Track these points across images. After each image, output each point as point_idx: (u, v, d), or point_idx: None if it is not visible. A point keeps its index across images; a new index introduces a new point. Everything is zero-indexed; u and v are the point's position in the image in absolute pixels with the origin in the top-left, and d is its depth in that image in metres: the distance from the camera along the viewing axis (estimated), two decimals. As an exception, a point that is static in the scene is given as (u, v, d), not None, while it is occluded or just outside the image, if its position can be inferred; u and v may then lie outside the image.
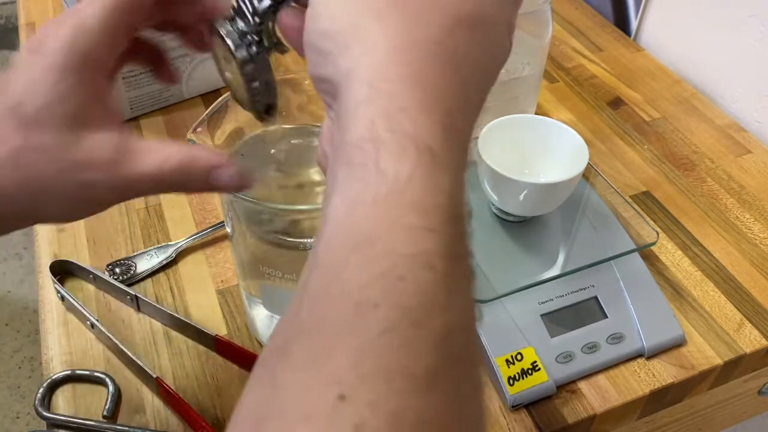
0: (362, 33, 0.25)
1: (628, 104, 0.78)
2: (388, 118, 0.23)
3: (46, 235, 0.62)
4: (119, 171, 0.32)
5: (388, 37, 0.25)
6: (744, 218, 0.65)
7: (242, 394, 0.22)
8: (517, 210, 0.58)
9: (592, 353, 0.52)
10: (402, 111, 0.23)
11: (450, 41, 0.25)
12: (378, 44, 0.25)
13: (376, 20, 0.25)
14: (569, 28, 0.90)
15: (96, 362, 0.53)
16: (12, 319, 1.62)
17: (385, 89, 0.24)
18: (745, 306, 0.58)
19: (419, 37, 0.25)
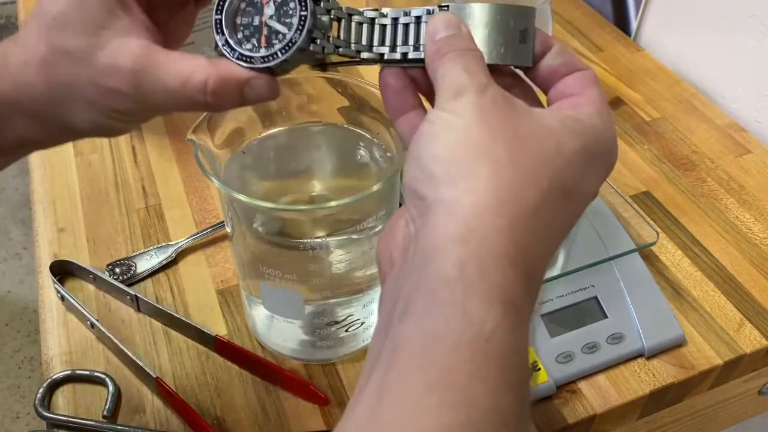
0: (474, 172, 0.26)
1: (628, 104, 0.78)
2: (479, 264, 0.24)
3: (46, 235, 0.62)
4: (140, 81, 0.31)
5: (496, 186, 0.26)
6: (744, 218, 0.65)
7: None
8: (517, 210, 0.58)
9: (592, 353, 0.52)
10: (494, 261, 0.24)
11: (548, 206, 0.27)
12: (486, 190, 0.26)
13: (490, 165, 0.26)
14: (569, 27, 0.90)
15: (96, 362, 0.53)
16: (12, 319, 1.62)
17: (481, 234, 0.25)
18: (745, 306, 0.57)
19: (524, 196, 0.26)
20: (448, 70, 0.29)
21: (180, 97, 0.31)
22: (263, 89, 0.32)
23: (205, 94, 0.31)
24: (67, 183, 0.67)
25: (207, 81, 0.31)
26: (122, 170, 0.69)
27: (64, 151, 0.70)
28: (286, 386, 0.51)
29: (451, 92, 0.29)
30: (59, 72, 0.31)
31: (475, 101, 0.28)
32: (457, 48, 0.30)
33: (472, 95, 0.28)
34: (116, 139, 0.72)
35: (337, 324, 0.50)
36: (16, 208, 1.86)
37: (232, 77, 0.32)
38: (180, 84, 0.31)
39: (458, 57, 0.30)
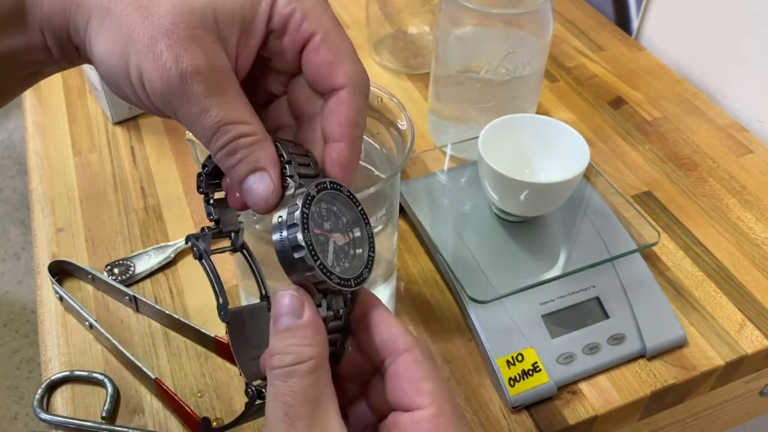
0: None
1: (629, 104, 0.78)
2: None
3: (45, 235, 0.62)
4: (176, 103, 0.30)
5: None
6: (746, 218, 0.65)
7: None
8: (518, 210, 0.58)
9: (593, 354, 0.52)
10: None
11: None
12: None
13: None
14: (570, 27, 0.90)
15: (95, 363, 0.53)
16: (10, 319, 1.62)
17: None
18: (747, 306, 0.57)
19: None
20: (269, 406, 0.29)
21: (197, 131, 0.31)
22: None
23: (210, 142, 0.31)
24: (65, 183, 0.67)
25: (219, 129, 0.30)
26: (121, 170, 0.68)
27: (63, 151, 0.70)
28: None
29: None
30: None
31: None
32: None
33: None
34: (115, 140, 0.72)
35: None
36: (14, 208, 1.85)
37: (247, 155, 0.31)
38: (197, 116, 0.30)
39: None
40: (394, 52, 0.82)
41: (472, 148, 0.60)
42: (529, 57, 0.63)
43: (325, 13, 0.32)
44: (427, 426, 0.29)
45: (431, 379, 0.30)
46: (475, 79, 0.64)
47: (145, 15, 0.29)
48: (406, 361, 0.30)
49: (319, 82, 0.32)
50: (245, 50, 0.31)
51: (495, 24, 0.64)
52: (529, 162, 0.61)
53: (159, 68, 0.29)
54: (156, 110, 0.31)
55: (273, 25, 0.32)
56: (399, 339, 0.31)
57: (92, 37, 0.30)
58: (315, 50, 0.32)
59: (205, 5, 0.30)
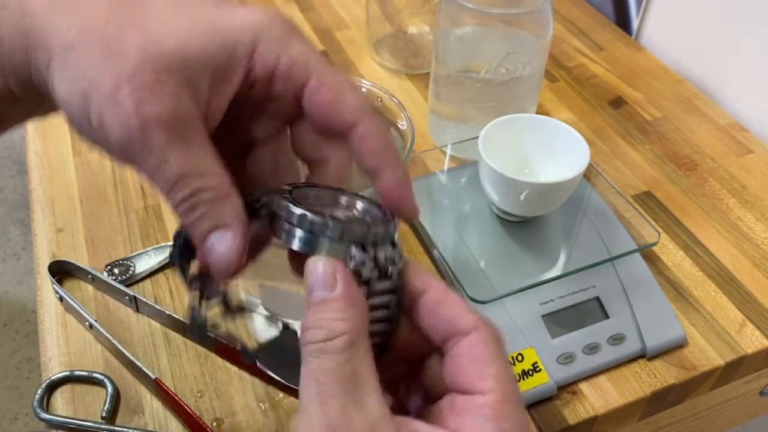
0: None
1: (630, 104, 0.78)
2: None
3: (45, 236, 0.62)
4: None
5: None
6: (746, 218, 0.65)
7: None
8: (518, 210, 0.58)
9: (593, 354, 0.52)
10: None
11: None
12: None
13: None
14: (570, 27, 0.90)
15: (95, 363, 0.53)
16: (10, 319, 1.62)
17: None
18: (747, 306, 0.57)
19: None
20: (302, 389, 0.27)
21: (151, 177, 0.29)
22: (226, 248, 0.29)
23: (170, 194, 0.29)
24: (65, 183, 0.67)
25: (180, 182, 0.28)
26: (121, 170, 0.68)
27: (63, 151, 0.70)
28: (284, 388, 0.51)
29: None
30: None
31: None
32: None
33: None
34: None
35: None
36: (14, 208, 1.85)
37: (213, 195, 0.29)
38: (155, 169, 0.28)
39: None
40: (394, 52, 0.82)
41: (472, 148, 0.60)
42: (529, 57, 0.63)
43: (312, 54, 0.31)
44: (489, 412, 0.27)
45: (497, 363, 0.28)
46: (475, 79, 0.64)
47: (111, 57, 0.27)
48: (472, 341, 0.28)
49: (326, 122, 0.31)
50: (218, 97, 0.30)
51: (495, 24, 0.64)
52: (529, 162, 0.61)
53: (119, 115, 0.27)
54: (118, 157, 0.29)
55: (256, 74, 0.30)
56: (465, 317, 0.29)
57: (54, 76, 0.28)
58: (315, 94, 0.30)
59: (175, 50, 0.28)
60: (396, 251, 0.29)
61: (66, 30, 0.28)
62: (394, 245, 0.29)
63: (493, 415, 0.27)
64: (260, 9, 0.31)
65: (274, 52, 0.30)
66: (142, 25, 0.28)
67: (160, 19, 0.29)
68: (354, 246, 0.28)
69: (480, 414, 0.27)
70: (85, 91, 0.27)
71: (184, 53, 0.28)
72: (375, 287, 0.28)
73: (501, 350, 0.29)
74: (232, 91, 0.30)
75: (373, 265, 0.28)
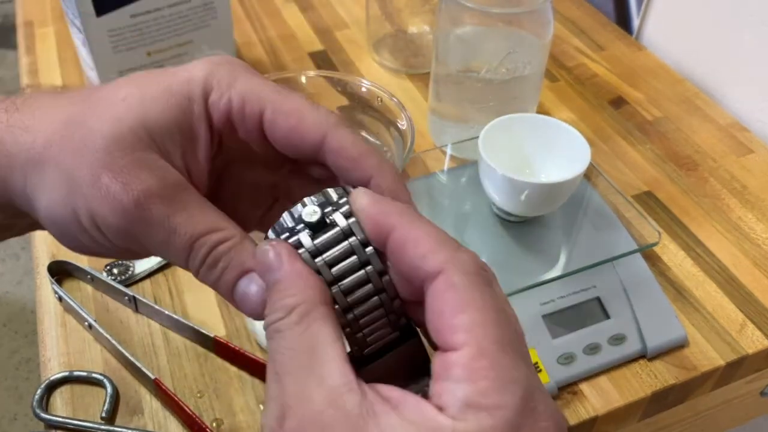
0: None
1: (630, 103, 0.78)
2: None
3: (44, 236, 0.61)
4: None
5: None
6: (747, 218, 0.65)
7: None
8: (518, 210, 0.58)
9: (593, 354, 0.52)
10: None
11: None
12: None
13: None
14: (570, 27, 0.90)
15: (94, 363, 0.53)
16: (10, 320, 1.62)
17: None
18: (748, 307, 0.57)
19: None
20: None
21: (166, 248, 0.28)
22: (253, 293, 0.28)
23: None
24: (65, 183, 0.67)
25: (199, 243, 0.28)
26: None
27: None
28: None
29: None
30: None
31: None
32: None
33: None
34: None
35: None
36: (14, 208, 1.85)
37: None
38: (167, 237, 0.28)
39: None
40: (394, 52, 0.82)
41: (472, 148, 0.60)
42: (530, 57, 0.63)
43: (260, 84, 0.29)
44: (460, 372, 0.22)
45: (469, 309, 0.23)
46: (476, 78, 0.64)
47: (80, 154, 0.27)
48: (438, 289, 0.24)
49: (295, 150, 0.29)
50: (194, 159, 0.29)
51: (495, 23, 0.64)
52: (530, 162, 0.61)
53: (110, 203, 0.26)
54: (120, 251, 0.29)
55: (217, 125, 0.29)
56: (429, 259, 0.24)
57: (31, 194, 0.28)
58: (273, 125, 0.29)
59: (136, 126, 0.27)
60: (352, 222, 0.26)
61: (30, 146, 0.28)
62: (348, 216, 0.26)
63: (464, 375, 0.22)
64: (206, 59, 0.30)
65: (224, 97, 0.29)
66: (100, 112, 0.28)
67: (115, 99, 0.28)
68: (307, 235, 0.26)
69: (451, 377, 0.22)
70: (66, 197, 0.27)
71: (146, 125, 0.28)
72: (331, 256, 0.26)
73: (477, 292, 0.24)
74: (206, 150, 0.29)
75: (320, 237, 0.26)
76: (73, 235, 0.28)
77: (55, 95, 0.29)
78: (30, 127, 0.28)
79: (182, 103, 0.28)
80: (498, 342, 0.23)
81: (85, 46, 0.69)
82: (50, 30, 0.86)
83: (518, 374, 0.23)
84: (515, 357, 0.23)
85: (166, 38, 0.70)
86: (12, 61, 2.25)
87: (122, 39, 0.68)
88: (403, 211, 0.26)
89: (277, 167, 0.32)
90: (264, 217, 0.33)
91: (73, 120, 0.28)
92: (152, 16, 0.68)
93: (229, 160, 0.31)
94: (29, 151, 0.28)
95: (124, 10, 0.66)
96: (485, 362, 0.22)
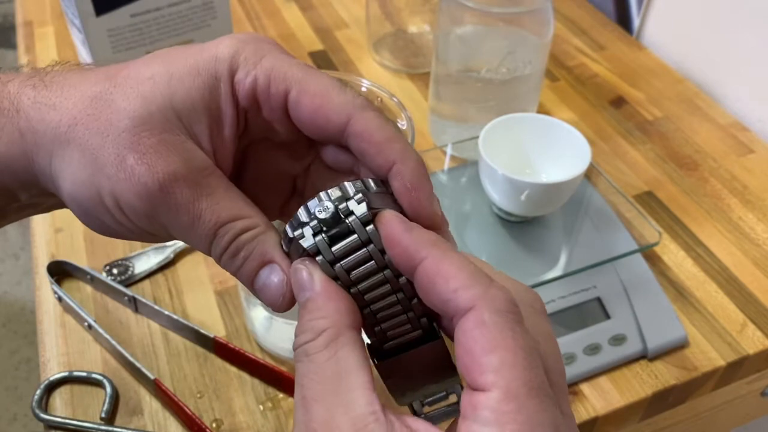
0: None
1: (631, 103, 0.78)
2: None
3: (44, 236, 0.61)
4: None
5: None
6: (747, 218, 0.65)
7: None
8: (519, 210, 0.58)
9: (593, 355, 0.52)
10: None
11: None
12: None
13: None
14: (571, 26, 0.90)
15: (93, 364, 0.53)
16: (9, 320, 1.62)
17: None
18: (748, 307, 0.57)
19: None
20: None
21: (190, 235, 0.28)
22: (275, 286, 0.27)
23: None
24: (64, 183, 0.66)
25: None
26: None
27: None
28: (284, 388, 0.51)
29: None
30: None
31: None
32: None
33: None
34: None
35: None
36: (14, 208, 1.85)
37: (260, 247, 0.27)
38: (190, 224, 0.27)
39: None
40: (394, 52, 0.82)
41: (472, 147, 0.60)
42: (530, 56, 0.63)
43: (287, 62, 0.28)
44: (488, 415, 0.22)
45: (499, 349, 0.22)
46: (476, 78, 0.64)
47: (105, 134, 0.27)
48: (467, 326, 0.23)
49: (318, 132, 0.29)
50: (220, 140, 0.29)
51: (495, 23, 0.64)
52: (530, 162, 0.60)
53: (134, 186, 0.26)
54: (145, 234, 0.28)
55: (243, 104, 0.29)
56: (460, 294, 0.23)
57: (56, 174, 0.28)
58: (298, 104, 0.28)
59: (163, 106, 0.27)
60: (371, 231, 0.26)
61: (56, 125, 0.27)
62: (368, 222, 0.26)
63: (492, 418, 0.22)
64: (232, 36, 0.29)
65: (250, 74, 0.28)
66: (127, 91, 0.27)
67: (142, 78, 0.28)
68: (324, 241, 0.26)
69: (478, 419, 0.22)
70: (90, 178, 0.27)
71: (173, 105, 0.27)
72: (358, 273, 0.26)
73: (506, 329, 0.23)
74: (233, 131, 0.29)
75: (347, 252, 0.26)
76: (97, 217, 0.28)
77: (82, 71, 0.29)
78: (57, 104, 0.28)
79: (209, 83, 0.28)
80: (527, 384, 0.22)
81: (84, 45, 0.69)
82: (50, 30, 0.86)
83: (546, 418, 0.22)
84: (544, 400, 0.22)
85: (166, 38, 0.70)
86: (11, 61, 2.25)
87: (122, 39, 0.68)
88: (435, 242, 0.25)
89: (300, 156, 0.31)
90: (285, 207, 0.33)
91: (99, 98, 0.27)
92: (152, 15, 0.68)
93: (252, 141, 0.31)
94: (55, 130, 0.27)
95: (123, 10, 0.66)
96: (513, 406, 0.22)
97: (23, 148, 0.28)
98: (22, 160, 0.28)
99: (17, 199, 0.30)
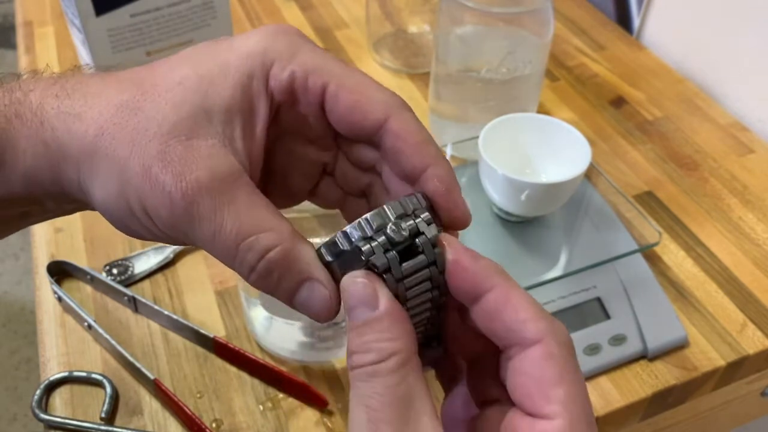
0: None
1: (631, 103, 0.78)
2: None
3: (44, 236, 0.61)
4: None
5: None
6: (747, 218, 0.65)
7: None
8: (519, 210, 0.58)
9: (593, 355, 0.52)
10: None
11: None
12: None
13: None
14: (571, 26, 0.90)
15: (93, 364, 0.53)
16: (9, 320, 1.62)
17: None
18: (748, 307, 0.57)
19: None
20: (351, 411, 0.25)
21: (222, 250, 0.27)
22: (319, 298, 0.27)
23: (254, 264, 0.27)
24: (64, 183, 0.66)
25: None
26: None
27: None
28: (284, 388, 0.51)
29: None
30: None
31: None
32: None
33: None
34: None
35: (336, 325, 0.50)
36: (14, 208, 1.85)
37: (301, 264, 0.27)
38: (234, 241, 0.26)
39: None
40: (394, 52, 0.82)
41: (472, 147, 0.60)
42: (530, 56, 0.63)
43: (325, 59, 0.28)
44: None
45: (565, 383, 0.24)
46: (476, 78, 0.64)
47: (133, 143, 0.26)
48: (535, 356, 0.24)
49: (355, 128, 0.28)
50: (251, 137, 0.28)
51: (496, 23, 0.63)
52: (530, 162, 0.60)
53: (159, 195, 0.26)
54: (178, 241, 0.28)
55: (277, 99, 0.28)
56: (530, 326, 0.25)
57: (86, 184, 0.27)
58: (336, 99, 0.28)
59: (194, 110, 0.27)
60: (435, 252, 0.26)
61: (83, 135, 0.27)
62: (434, 245, 0.26)
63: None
64: (261, 30, 0.29)
65: (286, 69, 0.28)
66: (156, 98, 0.27)
67: (171, 84, 0.27)
68: (396, 259, 0.26)
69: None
70: (119, 187, 0.27)
71: (206, 108, 0.27)
72: (413, 292, 0.26)
73: (571, 364, 0.25)
74: (264, 128, 0.28)
75: (410, 271, 0.26)
76: (128, 225, 0.28)
77: (103, 77, 0.29)
78: (81, 114, 0.27)
79: (242, 81, 0.28)
80: (586, 420, 0.24)
81: (84, 45, 0.69)
82: (50, 30, 0.86)
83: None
84: (595, 430, 0.25)
85: (166, 38, 0.70)
86: (11, 61, 2.25)
87: (122, 39, 0.68)
88: (502, 272, 0.26)
89: (326, 148, 0.31)
90: (315, 189, 0.32)
91: (126, 106, 0.27)
92: (152, 15, 0.68)
93: (281, 132, 0.30)
94: (81, 140, 0.27)
95: (123, 10, 0.66)
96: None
97: (49, 161, 0.27)
98: (48, 172, 0.28)
99: (44, 206, 0.30)
